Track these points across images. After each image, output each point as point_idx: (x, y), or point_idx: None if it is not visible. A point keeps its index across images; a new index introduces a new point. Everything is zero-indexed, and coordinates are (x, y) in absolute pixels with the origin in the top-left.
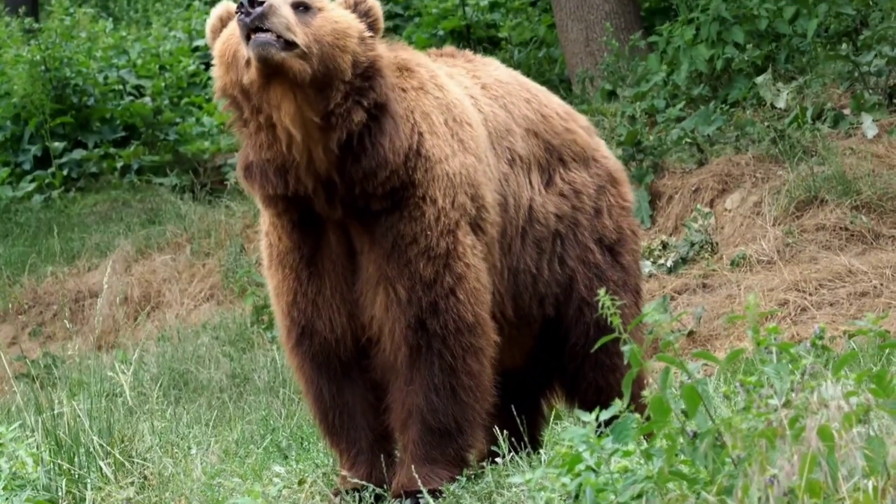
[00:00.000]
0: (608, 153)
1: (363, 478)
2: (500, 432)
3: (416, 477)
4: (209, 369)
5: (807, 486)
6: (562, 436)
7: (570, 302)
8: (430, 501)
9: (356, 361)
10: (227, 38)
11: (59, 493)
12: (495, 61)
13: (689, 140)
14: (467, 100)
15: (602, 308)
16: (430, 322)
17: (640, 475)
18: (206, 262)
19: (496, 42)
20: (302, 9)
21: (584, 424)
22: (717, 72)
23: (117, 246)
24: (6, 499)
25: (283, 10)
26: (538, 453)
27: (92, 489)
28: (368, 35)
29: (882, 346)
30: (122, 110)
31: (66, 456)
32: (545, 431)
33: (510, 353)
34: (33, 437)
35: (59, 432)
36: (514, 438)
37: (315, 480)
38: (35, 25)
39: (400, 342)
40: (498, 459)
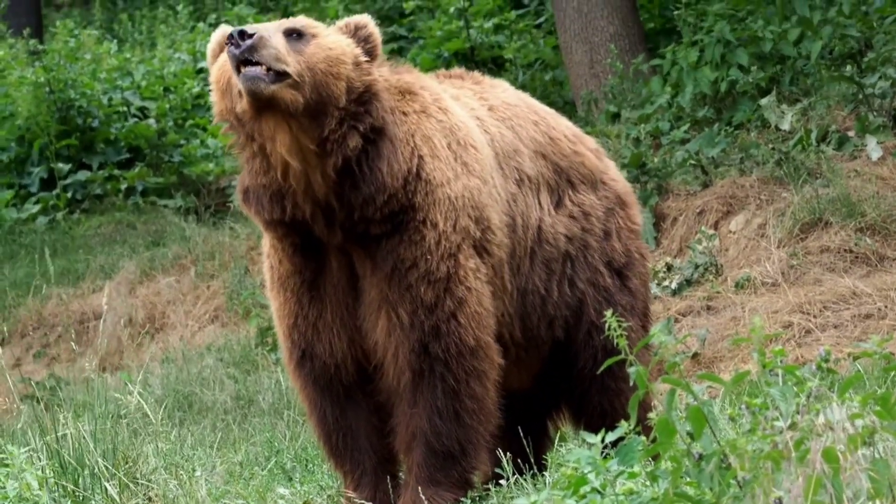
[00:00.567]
0: (617, 176)
1: (367, 500)
2: (506, 454)
3: (421, 499)
4: (214, 391)
5: None
6: (567, 457)
7: (579, 325)
8: None
9: (358, 385)
10: (222, 65)
11: None
12: (504, 83)
13: (693, 162)
14: (473, 122)
15: (609, 330)
16: (432, 346)
17: (645, 497)
18: (210, 284)
19: (500, 64)
20: (295, 36)
21: (589, 446)
22: (722, 94)
23: (121, 268)
24: None
25: (273, 40)
26: (543, 475)
27: None
28: (364, 60)
29: (887, 368)
30: (127, 132)
31: (70, 477)
32: (550, 453)
33: (518, 374)
34: (38, 459)
35: (63, 454)
36: (520, 460)
37: (320, 503)
38: (39, 47)
39: (403, 366)
40: (502, 481)
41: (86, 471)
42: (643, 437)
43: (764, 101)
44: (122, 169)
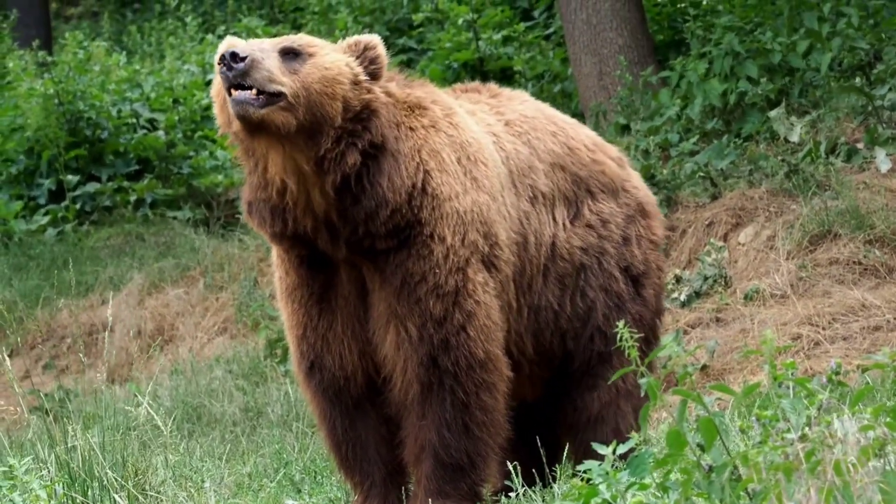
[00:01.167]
0: (640, 185)
1: None
2: (521, 464)
3: None
4: (222, 403)
5: None
6: (577, 468)
7: (585, 329)
8: None
9: (367, 396)
10: (219, 81)
11: None
12: (522, 94)
13: (702, 174)
14: (486, 138)
15: (620, 341)
16: (441, 359)
17: None
18: (219, 296)
19: (509, 76)
20: (292, 55)
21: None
22: (731, 106)
23: (130, 279)
24: None
25: (266, 62)
26: (551, 487)
27: None
28: (364, 78)
29: None
30: (136, 144)
31: (79, 489)
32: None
33: (530, 386)
34: (47, 471)
35: (72, 465)
36: (533, 470)
37: None
38: (49, 59)
39: (412, 379)
40: (511, 494)
41: (95, 482)
42: (654, 450)
43: (773, 113)
44: (131, 181)
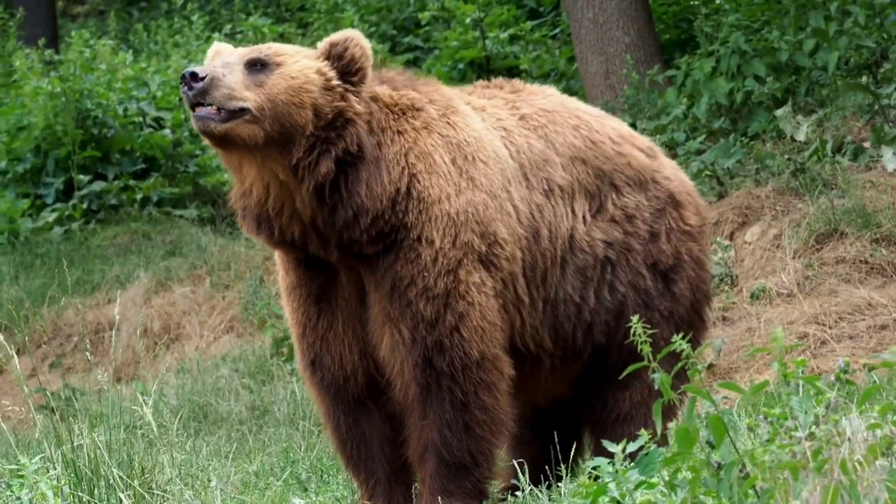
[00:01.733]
0: (673, 174)
1: None
2: (538, 462)
3: None
4: (229, 401)
5: None
6: (585, 466)
7: (619, 328)
8: None
9: (369, 396)
10: None
11: None
12: (548, 89)
13: (708, 173)
14: (491, 134)
15: (632, 336)
16: (436, 360)
17: None
18: (225, 295)
19: (516, 74)
20: (258, 67)
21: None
22: (737, 105)
23: (137, 278)
24: None
25: (227, 78)
26: (558, 486)
27: None
28: (337, 83)
29: None
30: (142, 142)
31: (86, 488)
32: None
33: (556, 382)
34: (53, 470)
35: (79, 464)
36: (548, 467)
37: None
38: (55, 57)
39: (409, 380)
40: (518, 493)
41: (101, 481)
42: (663, 448)
43: (779, 112)
44: (138, 179)
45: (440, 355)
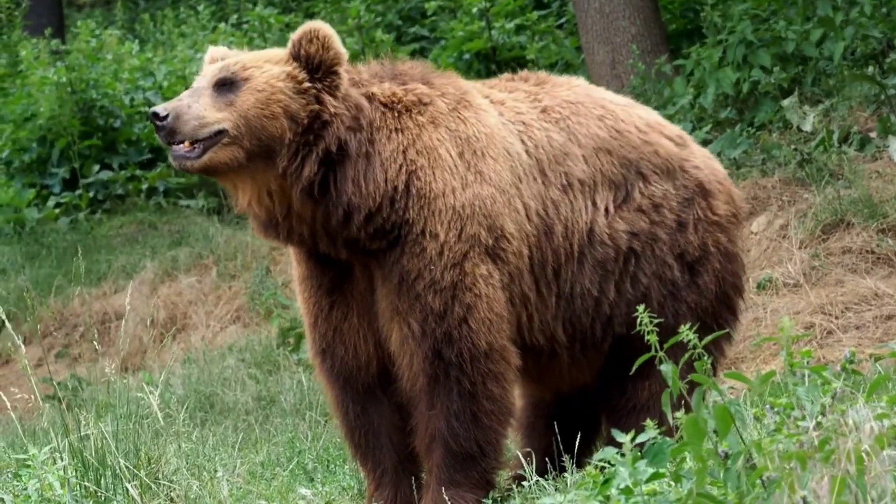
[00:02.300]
0: (704, 163)
1: (388, 499)
2: (559, 451)
3: (443, 500)
4: (235, 391)
5: None
6: (595, 457)
7: None
8: None
9: (379, 385)
10: None
11: None
12: (575, 80)
13: None
14: (506, 130)
15: (639, 326)
16: (445, 352)
17: (670, 497)
18: (232, 285)
19: (522, 65)
20: (227, 86)
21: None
22: (744, 95)
23: (143, 268)
24: None
25: (193, 108)
26: (563, 477)
27: None
28: (309, 85)
29: None
30: (149, 132)
31: (92, 478)
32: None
33: (577, 373)
34: (60, 460)
35: (85, 454)
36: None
37: (341, 503)
38: (61, 47)
39: (418, 372)
40: (524, 483)
41: (108, 471)
42: (670, 439)
43: (786, 102)
44: (144, 169)
45: (449, 347)
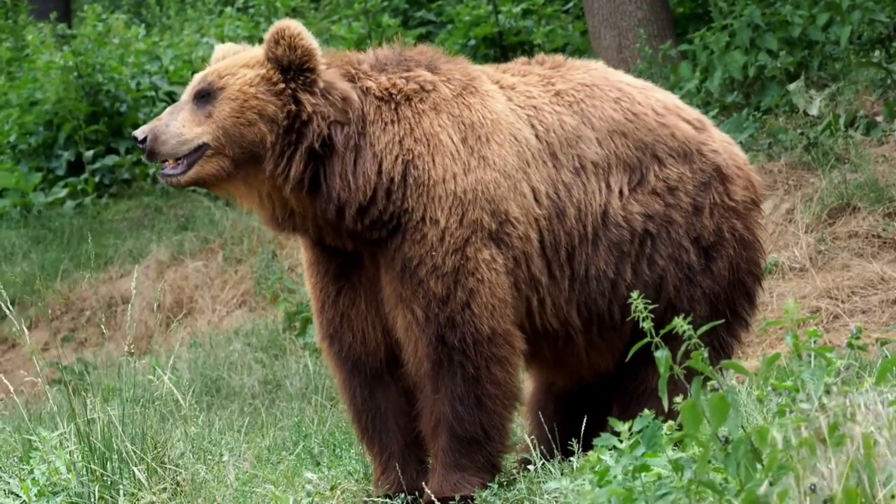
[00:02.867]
0: (722, 147)
1: (394, 483)
2: (573, 437)
3: (448, 484)
4: (241, 375)
5: (844, 493)
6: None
7: (657, 302)
8: None
9: (387, 370)
10: None
11: (93, 499)
12: (592, 63)
13: None
14: (514, 115)
15: (634, 312)
16: (448, 336)
17: (671, 485)
18: (238, 269)
19: (529, 49)
20: (206, 98)
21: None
22: (750, 79)
23: (150, 252)
24: None
25: (171, 126)
26: (570, 461)
27: (125, 495)
28: (284, 87)
29: None
30: (155, 116)
31: (99, 462)
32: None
33: (598, 356)
34: (67, 443)
35: (92, 438)
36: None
37: (347, 487)
38: (68, 32)
39: (423, 357)
40: (530, 467)
41: (114, 455)
42: (669, 423)
43: (792, 87)
44: None
45: (452, 331)
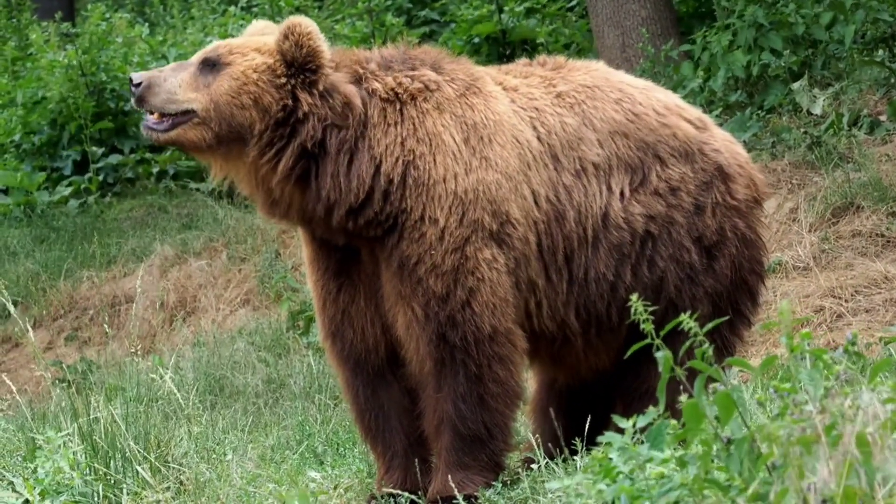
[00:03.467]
0: (724, 146)
1: (397, 482)
2: (577, 436)
3: (451, 483)
4: (245, 375)
5: (843, 493)
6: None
7: (658, 302)
8: None
9: (389, 368)
10: None
11: (96, 498)
12: (593, 64)
13: None
14: (517, 117)
15: (634, 313)
16: (449, 335)
17: (675, 482)
18: (241, 268)
19: (533, 48)
20: (210, 67)
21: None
22: (754, 78)
23: (153, 251)
24: None
25: (168, 82)
26: (574, 459)
27: (128, 494)
28: (285, 81)
29: None
30: None
31: (102, 461)
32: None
33: (595, 357)
34: (71, 442)
35: (95, 437)
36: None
37: (350, 486)
38: (72, 31)
39: (424, 356)
40: (533, 465)
41: (118, 454)
42: (673, 421)
43: (796, 86)
44: (154, 152)
45: (453, 330)
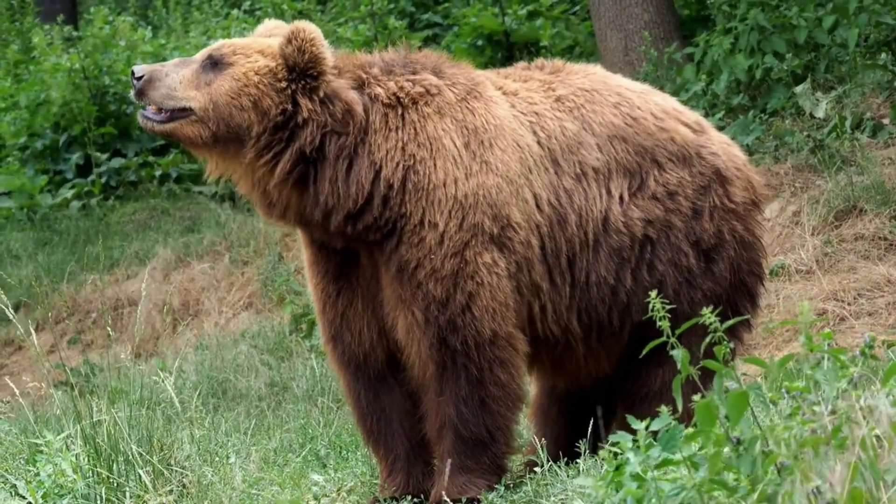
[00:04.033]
0: (722, 149)
1: (400, 486)
2: (580, 438)
3: (454, 486)
4: (248, 378)
5: (849, 494)
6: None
7: None
8: None
9: (389, 372)
10: None
11: (98, 502)
12: (591, 67)
13: None
14: (517, 122)
15: (651, 311)
16: (449, 339)
17: (685, 483)
18: (244, 271)
19: (536, 51)
20: (212, 65)
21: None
22: (756, 81)
23: (156, 254)
24: None
25: (169, 78)
26: (576, 462)
27: (131, 497)
28: (283, 85)
29: None
30: None
31: (105, 464)
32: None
33: (596, 362)
34: (73, 445)
35: (98, 440)
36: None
37: (353, 489)
38: (74, 34)
39: (426, 360)
40: (537, 469)
41: (120, 457)
42: (682, 425)
43: (798, 89)
44: (157, 155)
45: (453, 334)
